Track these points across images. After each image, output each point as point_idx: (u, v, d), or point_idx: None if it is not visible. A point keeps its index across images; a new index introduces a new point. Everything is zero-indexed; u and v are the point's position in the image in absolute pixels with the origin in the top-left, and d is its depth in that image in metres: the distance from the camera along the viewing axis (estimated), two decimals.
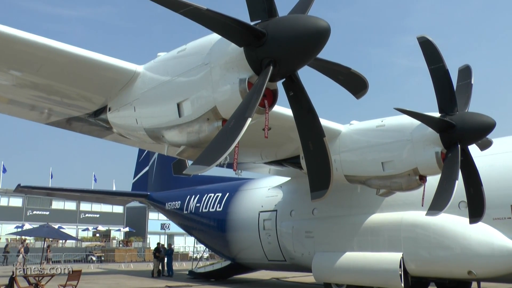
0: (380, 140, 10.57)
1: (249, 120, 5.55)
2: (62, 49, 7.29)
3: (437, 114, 10.00)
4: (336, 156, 10.86)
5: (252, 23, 6.04)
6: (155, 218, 62.81)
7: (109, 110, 8.24)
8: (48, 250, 37.74)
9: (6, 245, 40.36)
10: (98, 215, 65.81)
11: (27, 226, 47.92)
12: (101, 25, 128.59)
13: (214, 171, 18.57)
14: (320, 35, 5.73)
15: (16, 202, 59.87)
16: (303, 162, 11.03)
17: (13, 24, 6.91)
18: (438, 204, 9.16)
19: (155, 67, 7.34)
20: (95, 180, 65.18)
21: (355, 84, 7.78)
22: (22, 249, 34.97)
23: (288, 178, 16.17)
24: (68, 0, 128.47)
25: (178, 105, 6.67)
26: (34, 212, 60.50)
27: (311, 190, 6.92)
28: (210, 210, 19.35)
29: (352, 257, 13.18)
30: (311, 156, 6.89)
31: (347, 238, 13.48)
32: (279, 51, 5.84)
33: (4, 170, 59.60)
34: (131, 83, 7.62)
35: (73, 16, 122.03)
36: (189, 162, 23.93)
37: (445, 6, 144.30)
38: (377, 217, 13.12)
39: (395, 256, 12.34)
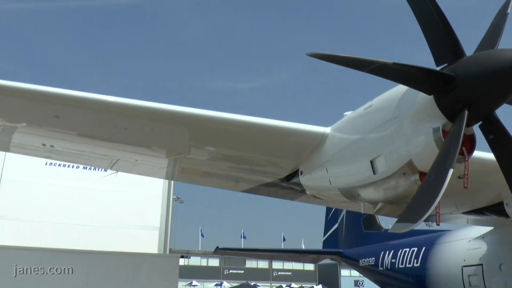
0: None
1: (451, 171, 5.31)
2: (253, 122, 7.77)
3: None
4: None
5: (438, 68, 5.85)
6: (347, 275, 62.01)
7: (301, 173, 8.43)
8: None
9: None
10: (290, 273, 67.40)
11: (226, 284, 52.32)
12: (277, 91, 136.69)
13: None
14: None
15: (214, 262, 65.40)
16: (509, 210, 10.06)
17: (202, 105, 7.81)
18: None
19: (343, 126, 7.40)
20: (284, 239, 67.71)
21: None
22: None
23: (491, 228, 14.81)
24: (245, 72, 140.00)
25: (372, 162, 6.61)
26: (230, 271, 64.86)
27: None
28: (407, 265, 18.48)
29: None
30: None
31: None
32: (472, 93, 5.51)
33: (203, 235, 66.06)
34: (320, 145, 7.75)
35: (251, 88, 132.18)
36: (379, 218, 23.36)
37: None
38: None
39: None
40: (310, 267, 66.35)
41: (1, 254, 13.46)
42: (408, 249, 18.92)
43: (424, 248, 18.02)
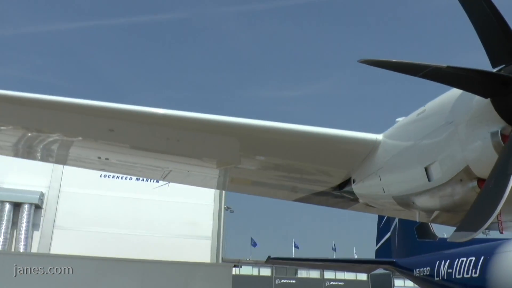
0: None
1: None
2: (305, 131, 7.62)
3: None
4: None
5: (494, 70, 5.53)
6: (401, 285, 60.52)
7: (354, 181, 8.26)
8: None
9: None
10: (342, 283, 66.36)
11: None
12: (325, 99, 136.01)
13: None
14: None
15: (265, 271, 65.19)
16: None
17: (250, 114, 7.83)
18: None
19: (395, 133, 7.23)
20: (335, 249, 67.10)
21: None
22: None
23: None
24: (290, 82, 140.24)
25: (426, 169, 6.38)
26: (282, 281, 64.60)
27: None
28: (465, 276, 17.86)
29: None
30: None
31: None
32: None
33: (255, 244, 66.27)
34: (373, 153, 7.59)
35: (298, 96, 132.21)
36: (433, 226, 22.68)
37: None
38: None
39: None
40: (362, 277, 65.05)
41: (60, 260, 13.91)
42: (465, 259, 18.29)
43: (482, 257, 17.37)
